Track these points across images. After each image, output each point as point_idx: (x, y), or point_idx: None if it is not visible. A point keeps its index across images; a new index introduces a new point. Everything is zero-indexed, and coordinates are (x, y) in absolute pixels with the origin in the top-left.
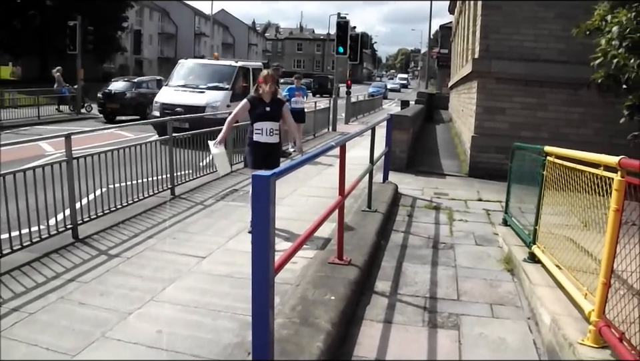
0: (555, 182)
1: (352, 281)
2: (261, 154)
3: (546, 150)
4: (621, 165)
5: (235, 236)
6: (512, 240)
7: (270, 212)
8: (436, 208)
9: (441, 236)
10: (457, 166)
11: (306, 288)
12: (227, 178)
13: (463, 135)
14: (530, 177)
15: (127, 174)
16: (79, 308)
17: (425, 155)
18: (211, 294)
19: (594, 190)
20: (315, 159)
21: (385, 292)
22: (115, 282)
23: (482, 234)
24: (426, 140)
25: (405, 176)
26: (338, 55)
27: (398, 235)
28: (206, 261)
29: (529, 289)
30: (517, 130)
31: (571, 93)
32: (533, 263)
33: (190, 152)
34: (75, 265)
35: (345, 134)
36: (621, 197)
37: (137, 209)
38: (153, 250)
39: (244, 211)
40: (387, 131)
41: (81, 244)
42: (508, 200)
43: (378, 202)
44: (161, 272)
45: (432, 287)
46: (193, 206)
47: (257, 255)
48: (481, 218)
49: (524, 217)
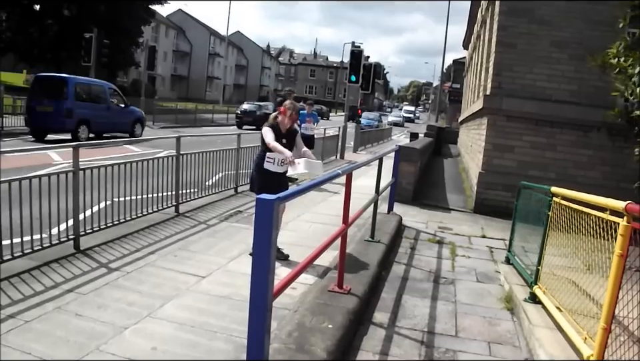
0: (560, 224)
1: (350, 310)
2: (269, 182)
3: (553, 190)
4: (627, 210)
5: (236, 258)
6: (514, 279)
7: (272, 236)
8: (439, 243)
9: (443, 270)
10: (462, 202)
11: (304, 314)
12: (232, 199)
13: (471, 171)
14: (535, 217)
15: (132, 189)
16: (75, 319)
17: (431, 188)
18: (209, 314)
19: (599, 234)
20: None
21: (383, 324)
22: (113, 295)
23: (484, 271)
24: (433, 173)
25: (410, 208)
26: (350, 84)
27: (399, 267)
28: (205, 281)
29: (528, 329)
30: (525, 169)
31: (580, 135)
32: (533, 303)
33: (196, 171)
34: (74, 276)
35: (353, 163)
36: (625, 242)
37: (140, 224)
38: (153, 266)
39: (247, 233)
40: (394, 162)
41: (82, 255)
42: (512, 239)
43: (381, 232)
44: (159, 288)
45: (430, 321)
46: (196, 225)
47: (257, 278)
48: (483, 255)
49: (527, 256)
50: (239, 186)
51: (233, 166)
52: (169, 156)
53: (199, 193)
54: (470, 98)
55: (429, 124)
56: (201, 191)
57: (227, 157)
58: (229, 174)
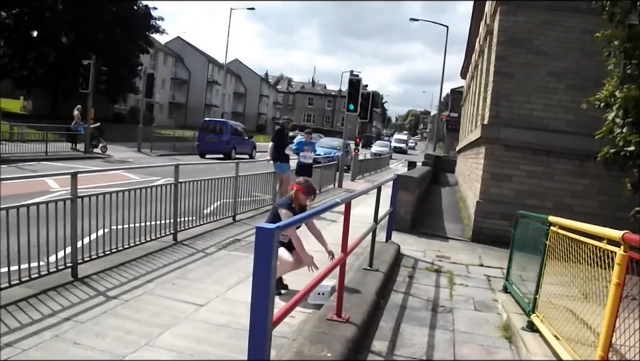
0: (558, 252)
1: (349, 339)
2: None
3: (550, 220)
4: (624, 240)
5: (235, 286)
6: (511, 308)
7: (271, 265)
8: (437, 271)
9: (441, 299)
10: (460, 230)
11: (302, 343)
12: (230, 227)
13: (468, 200)
14: (532, 245)
15: (130, 217)
16: (73, 347)
17: (429, 217)
18: (207, 343)
19: (596, 263)
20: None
21: (382, 352)
22: (111, 324)
23: (482, 299)
24: (431, 202)
25: (408, 236)
26: (348, 112)
27: (398, 295)
28: (204, 309)
29: (526, 358)
30: (522, 198)
31: (577, 164)
32: (531, 332)
33: (194, 199)
34: (72, 304)
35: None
36: (622, 271)
37: (138, 252)
38: (151, 294)
39: (245, 261)
40: (392, 191)
41: (80, 284)
42: (509, 267)
43: (380, 261)
44: (158, 317)
45: (429, 350)
46: (195, 253)
47: (256, 307)
48: (481, 284)
49: (524, 285)
50: (237, 215)
51: (231, 194)
52: (166, 184)
53: (197, 221)
54: (467, 127)
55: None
56: (199, 219)
57: (225, 185)
58: (226, 202)
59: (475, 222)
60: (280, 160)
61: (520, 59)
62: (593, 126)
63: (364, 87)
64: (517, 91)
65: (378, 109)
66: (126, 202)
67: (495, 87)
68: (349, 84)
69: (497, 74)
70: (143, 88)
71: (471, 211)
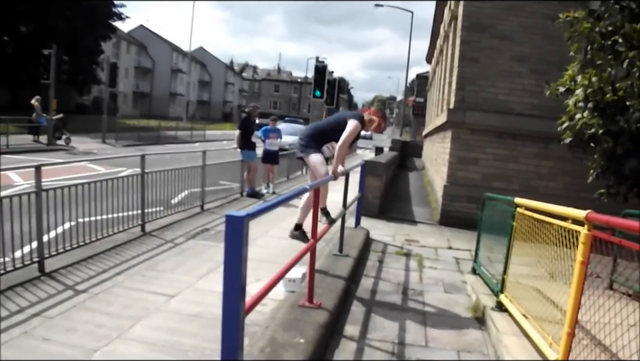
0: (524, 233)
1: (321, 324)
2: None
3: (516, 201)
4: (588, 219)
5: (205, 276)
6: (480, 289)
7: (242, 253)
8: (406, 255)
9: (411, 282)
10: (428, 214)
11: (275, 330)
12: (198, 216)
13: (436, 184)
14: (500, 227)
15: (97, 209)
16: (42, 343)
17: (397, 202)
18: (179, 334)
19: (561, 243)
20: (288, 201)
21: (354, 336)
22: (81, 318)
23: (451, 281)
24: (399, 187)
25: (377, 221)
26: (315, 99)
27: (368, 280)
28: (175, 300)
29: (495, 337)
30: (489, 181)
31: (542, 147)
32: (500, 312)
33: (162, 189)
34: (40, 299)
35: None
36: (587, 250)
37: (106, 245)
38: (121, 286)
39: (215, 250)
40: (360, 177)
41: (47, 278)
42: (477, 249)
43: (349, 246)
44: (128, 309)
45: (400, 333)
46: (163, 244)
47: (228, 296)
48: (450, 266)
49: (492, 266)
50: (205, 204)
51: (199, 183)
52: (133, 175)
53: (165, 211)
54: (434, 112)
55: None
56: (167, 209)
57: (193, 174)
58: (194, 191)
59: (442, 205)
60: (247, 147)
61: (484, 44)
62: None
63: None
64: (482, 75)
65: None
66: (92, 194)
67: (460, 72)
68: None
69: (461, 59)
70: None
71: (438, 195)
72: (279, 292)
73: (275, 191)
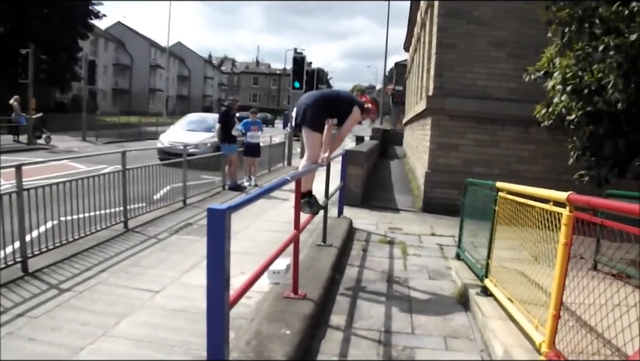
0: (507, 217)
1: (307, 315)
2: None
3: (497, 185)
4: (569, 201)
5: (189, 270)
6: (465, 274)
7: (225, 246)
8: (390, 243)
9: (395, 270)
10: (410, 202)
11: (261, 322)
12: (181, 211)
13: (417, 171)
14: (482, 212)
15: (79, 207)
16: (28, 343)
17: (379, 190)
18: (165, 329)
19: (544, 225)
20: (270, 193)
21: (340, 326)
22: (66, 316)
23: (435, 268)
24: (380, 175)
25: (359, 211)
26: (294, 90)
27: (353, 269)
28: (160, 295)
29: (481, 322)
30: (470, 166)
31: (521, 131)
32: (485, 296)
33: (144, 185)
34: (24, 299)
35: None
36: (569, 231)
37: (89, 242)
38: (105, 284)
39: (198, 245)
40: (341, 166)
41: (31, 278)
42: (461, 235)
43: (333, 236)
44: (113, 306)
45: (387, 321)
46: (147, 240)
47: (212, 289)
48: (434, 253)
49: (476, 251)
50: (187, 198)
51: (180, 178)
52: (114, 172)
53: (147, 207)
54: (413, 100)
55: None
56: (149, 205)
57: (174, 170)
58: (176, 187)
59: (424, 192)
60: (227, 141)
61: (461, 30)
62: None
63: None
64: (460, 62)
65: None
66: (74, 193)
67: (437, 58)
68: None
69: (439, 46)
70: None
71: (420, 182)
72: (264, 284)
73: (257, 184)
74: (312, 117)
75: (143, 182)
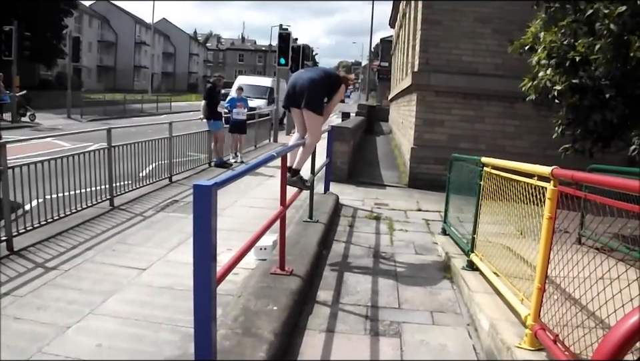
0: (492, 192)
1: (294, 291)
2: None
3: (483, 161)
4: (553, 175)
5: (176, 248)
6: (451, 249)
7: (211, 223)
8: (376, 218)
9: (382, 245)
10: (396, 177)
11: (248, 298)
12: (167, 189)
13: (403, 147)
14: (468, 187)
15: (64, 185)
16: (14, 322)
17: (365, 166)
18: (152, 306)
19: (529, 200)
20: (256, 169)
21: (327, 302)
22: (52, 295)
23: (422, 243)
24: (366, 151)
25: (345, 186)
26: (279, 67)
27: (339, 245)
28: (146, 273)
29: (467, 296)
30: (456, 142)
31: (507, 106)
32: (471, 271)
33: (129, 162)
34: (9, 278)
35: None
36: (553, 205)
37: (74, 220)
38: (91, 262)
39: (185, 222)
40: (327, 142)
41: (16, 257)
42: (447, 210)
43: (319, 212)
44: (100, 284)
45: (373, 296)
46: (133, 217)
47: (199, 266)
48: (420, 228)
49: (462, 226)
50: (173, 175)
51: (166, 155)
52: (100, 149)
53: (133, 185)
54: (399, 76)
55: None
56: (135, 183)
57: (160, 147)
58: (162, 163)
59: (410, 168)
60: (213, 118)
61: (446, 6)
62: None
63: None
64: (445, 38)
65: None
66: (59, 170)
67: (423, 34)
68: (279, 38)
69: (424, 22)
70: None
71: (406, 158)
72: (250, 260)
73: (243, 160)
74: (315, 100)
75: (129, 160)
